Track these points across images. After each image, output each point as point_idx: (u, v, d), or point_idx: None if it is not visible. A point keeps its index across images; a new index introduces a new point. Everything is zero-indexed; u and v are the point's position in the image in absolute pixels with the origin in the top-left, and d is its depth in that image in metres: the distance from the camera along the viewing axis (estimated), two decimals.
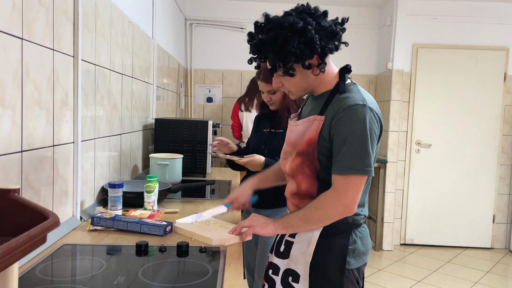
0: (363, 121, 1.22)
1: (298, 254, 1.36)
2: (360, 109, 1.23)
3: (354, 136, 1.22)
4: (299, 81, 1.32)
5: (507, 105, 4.50)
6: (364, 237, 1.38)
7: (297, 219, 1.32)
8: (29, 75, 1.23)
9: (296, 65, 1.27)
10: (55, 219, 0.66)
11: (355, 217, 1.35)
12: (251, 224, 1.38)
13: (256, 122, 2.24)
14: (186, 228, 1.50)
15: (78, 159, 1.58)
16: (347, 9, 4.63)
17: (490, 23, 4.41)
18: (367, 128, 1.22)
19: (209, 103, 4.76)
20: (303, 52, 1.22)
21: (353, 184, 1.24)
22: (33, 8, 1.23)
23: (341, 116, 1.23)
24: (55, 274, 1.14)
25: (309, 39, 1.21)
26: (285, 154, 1.44)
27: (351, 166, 1.22)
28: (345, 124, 1.23)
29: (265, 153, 2.03)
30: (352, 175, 1.23)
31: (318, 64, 1.28)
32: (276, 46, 1.23)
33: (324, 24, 1.26)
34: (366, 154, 1.22)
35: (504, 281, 3.73)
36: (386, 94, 4.50)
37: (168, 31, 3.61)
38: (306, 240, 1.35)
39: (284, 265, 1.39)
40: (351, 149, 1.22)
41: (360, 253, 1.36)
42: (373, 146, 1.24)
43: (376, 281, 3.59)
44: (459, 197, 4.54)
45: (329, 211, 1.27)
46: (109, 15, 1.92)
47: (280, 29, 1.23)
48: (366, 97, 1.27)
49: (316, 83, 1.34)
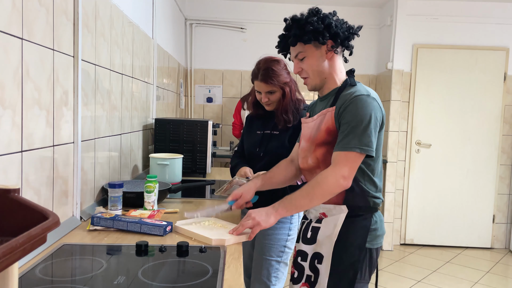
0: (366, 108, 1.38)
1: (324, 238, 1.47)
2: (365, 98, 1.40)
3: (357, 120, 1.37)
4: (315, 63, 1.49)
5: (507, 105, 4.50)
6: (382, 221, 1.52)
7: (300, 198, 1.41)
8: (29, 75, 1.23)
9: (313, 42, 1.46)
10: (55, 219, 0.66)
11: (376, 200, 1.48)
12: (255, 222, 1.41)
13: (248, 123, 2.16)
14: (187, 228, 1.50)
15: (78, 159, 1.58)
16: (347, 9, 4.63)
17: (490, 23, 4.41)
18: (370, 115, 1.38)
19: (209, 103, 4.76)
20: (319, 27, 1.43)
21: (352, 160, 1.37)
22: (33, 8, 1.23)
23: (348, 104, 1.40)
24: (55, 274, 1.14)
25: (326, 20, 1.45)
26: (303, 151, 1.54)
27: (351, 144, 1.37)
28: (351, 111, 1.39)
29: (260, 155, 1.98)
30: (353, 153, 1.36)
31: (331, 46, 1.47)
32: (299, 23, 1.46)
33: (341, 20, 1.51)
34: (366, 136, 1.37)
35: (504, 281, 3.73)
36: (386, 94, 4.50)
37: (168, 31, 3.61)
38: (332, 223, 1.47)
39: (312, 250, 1.50)
40: (354, 131, 1.37)
41: (379, 235, 1.49)
42: (375, 130, 1.40)
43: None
44: (459, 197, 4.54)
45: (329, 183, 1.37)
46: (109, 15, 1.92)
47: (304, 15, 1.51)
48: (370, 91, 1.45)
49: (328, 72, 1.50)
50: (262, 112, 2.05)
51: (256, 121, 2.10)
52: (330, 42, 1.47)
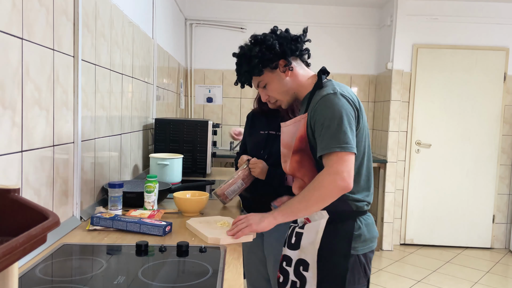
0: (335, 105, 1.34)
1: (307, 244, 1.43)
2: (332, 97, 1.36)
3: (329, 119, 1.33)
4: (277, 86, 1.50)
5: (507, 105, 4.50)
6: (369, 224, 1.44)
7: (297, 203, 1.37)
8: (29, 75, 1.23)
9: (265, 69, 1.48)
10: (55, 219, 0.66)
11: (358, 204, 1.41)
12: (247, 223, 1.42)
13: (250, 121, 2.04)
14: (193, 226, 1.53)
15: (78, 159, 1.58)
16: (347, 9, 4.63)
17: (490, 23, 4.41)
18: (340, 111, 1.34)
19: (209, 103, 4.76)
20: (264, 54, 1.45)
21: (344, 159, 1.31)
22: (33, 8, 1.23)
23: (317, 106, 1.37)
24: (55, 274, 1.14)
25: (269, 44, 1.45)
26: (284, 156, 1.51)
27: (330, 144, 1.32)
28: (321, 112, 1.36)
29: (264, 158, 1.88)
30: (338, 153, 1.31)
31: (284, 65, 1.47)
32: (246, 58, 1.49)
33: (283, 34, 1.50)
34: (342, 133, 1.32)
35: (504, 281, 3.73)
36: (386, 94, 4.50)
37: (168, 31, 3.61)
38: (314, 229, 1.42)
39: (296, 256, 1.46)
40: (329, 131, 1.33)
41: (366, 239, 1.42)
42: (350, 126, 1.34)
43: (376, 281, 3.59)
44: (459, 197, 4.54)
45: (327, 188, 1.31)
46: (109, 15, 1.92)
47: (246, 46, 1.53)
48: (338, 87, 1.40)
49: (294, 86, 1.50)
50: (266, 109, 1.91)
51: (259, 119, 1.98)
52: (282, 62, 1.47)
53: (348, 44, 4.66)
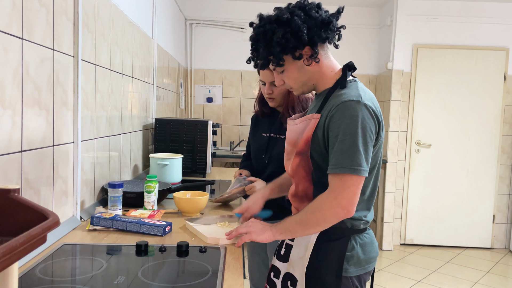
0: (355, 117, 1.17)
1: (296, 258, 1.33)
2: (354, 105, 1.18)
3: (345, 133, 1.17)
4: (296, 75, 1.30)
5: (507, 105, 4.50)
6: (366, 244, 1.31)
7: (295, 223, 1.27)
8: (29, 75, 1.23)
9: (286, 56, 1.26)
10: (55, 219, 0.66)
11: (354, 222, 1.28)
12: (248, 231, 1.34)
13: (253, 124, 2.02)
14: (193, 226, 1.53)
15: (78, 159, 1.58)
16: (347, 9, 4.62)
17: (490, 23, 4.41)
18: (359, 126, 1.17)
19: (209, 103, 4.76)
20: (289, 41, 1.21)
21: (349, 184, 1.18)
22: (33, 8, 1.23)
23: (334, 113, 1.20)
24: (55, 274, 1.14)
25: (295, 29, 1.21)
26: (287, 154, 1.39)
27: (341, 164, 1.17)
28: (337, 121, 1.19)
29: (265, 162, 1.87)
30: (347, 175, 1.17)
31: (310, 55, 1.25)
32: (265, 40, 1.24)
33: (314, 14, 1.24)
34: (357, 153, 1.17)
35: (504, 281, 3.73)
36: (386, 94, 4.50)
37: (168, 31, 3.61)
38: (304, 244, 1.32)
39: (284, 269, 1.37)
40: (342, 147, 1.17)
41: (360, 261, 1.28)
42: (366, 144, 1.18)
43: (376, 281, 3.59)
44: (459, 197, 4.54)
45: (326, 213, 1.21)
46: (109, 15, 1.92)
47: (269, 23, 1.24)
48: (363, 94, 1.22)
49: (315, 78, 1.31)
50: (267, 111, 1.92)
51: (262, 121, 1.97)
52: (308, 51, 1.25)
53: (348, 44, 4.65)
